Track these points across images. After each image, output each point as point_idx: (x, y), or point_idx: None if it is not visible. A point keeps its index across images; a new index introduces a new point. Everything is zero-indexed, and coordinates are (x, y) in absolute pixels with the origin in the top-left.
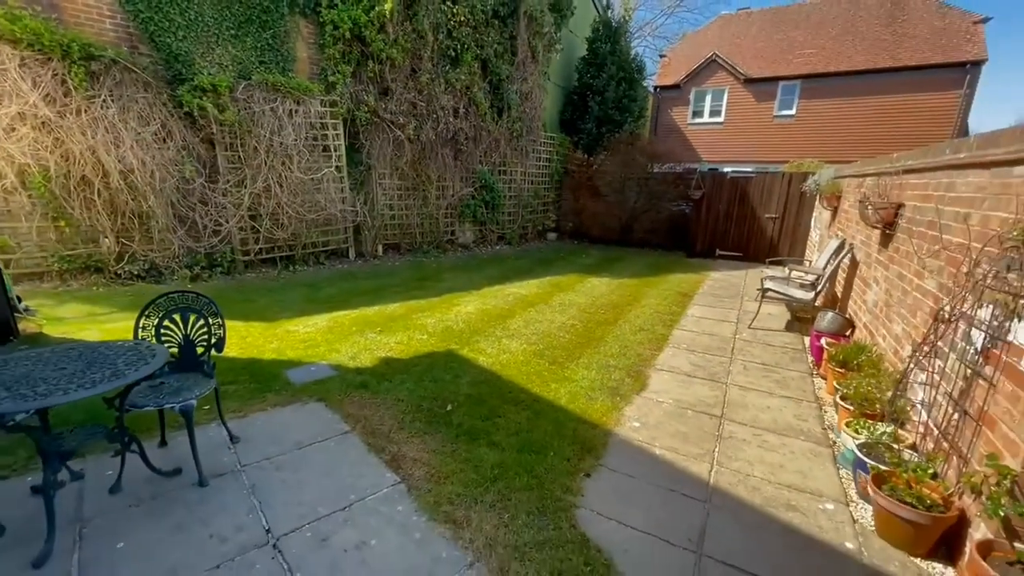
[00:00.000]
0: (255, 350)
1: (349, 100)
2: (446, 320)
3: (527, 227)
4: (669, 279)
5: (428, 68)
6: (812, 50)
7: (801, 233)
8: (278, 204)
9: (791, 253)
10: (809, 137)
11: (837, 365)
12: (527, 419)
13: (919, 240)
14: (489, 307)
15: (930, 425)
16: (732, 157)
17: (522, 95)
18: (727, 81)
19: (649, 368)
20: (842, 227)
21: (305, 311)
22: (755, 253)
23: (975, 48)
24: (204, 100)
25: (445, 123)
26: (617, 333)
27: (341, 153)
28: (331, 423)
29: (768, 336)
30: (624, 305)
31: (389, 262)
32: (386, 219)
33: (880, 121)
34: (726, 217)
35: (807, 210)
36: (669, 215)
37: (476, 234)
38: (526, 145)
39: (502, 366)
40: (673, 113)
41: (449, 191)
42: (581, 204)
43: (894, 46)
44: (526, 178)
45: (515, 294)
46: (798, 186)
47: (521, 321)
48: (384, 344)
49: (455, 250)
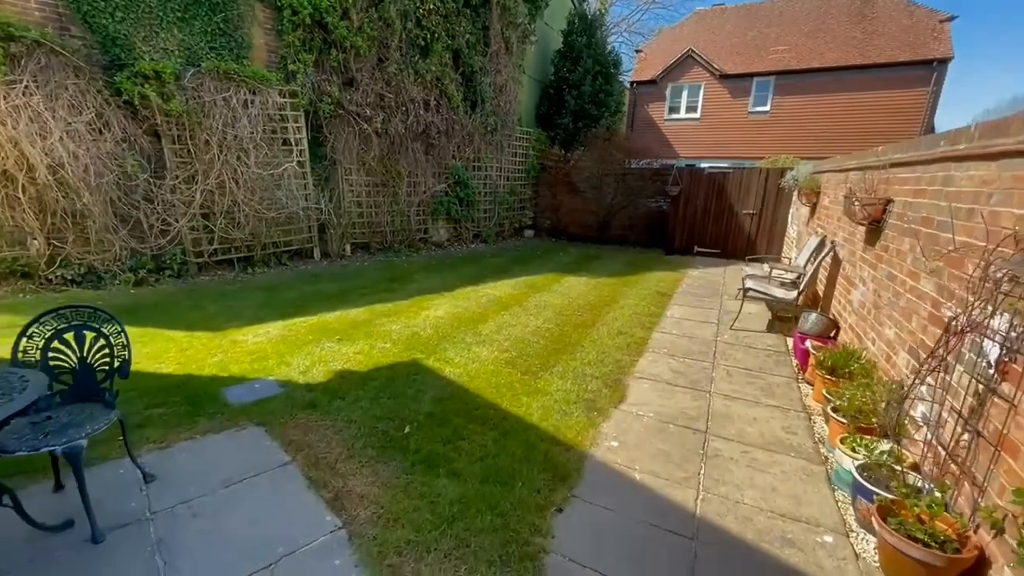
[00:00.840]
0: (194, 365)
1: (311, 91)
2: (413, 326)
3: (504, 224)
4: (647, 278)
5: (396, 58)
6: (785, 47)
7: (778, 229)
8: (234, 201)
9: (769, 250)
10: (784, 133)
11: (825, 372)
12: (494, 441)
13: (912, 238)
14: (460, 310)
15: (935, 444)
16: (709, 153)
17: (496, 88)
18: (703, 77)
19: (628, 376)
20: (822, 223)
21: (258, 318)
22: (733, 250)
23: (941, 46)
24: (146, 88)
25: (415, 116)
26: (594, 337)
27: (303, 147)
28: (269, 452)
29: (750, 338)
30: (602, 306)
31: (357, 262)
32: (354, 217)
33: (852, 118)
34: (704, 213)
35: (784, 206)
36: (647, 212)
37: (451, 232)
38: (501, 140)
39: (470, 377)
40: (650, 109)
41: (421, 187)
42: (558, 201)
43: (864, 43)
44: (502, 174)
45: (489, 295)
46: (775, 182)
47: (493, 325)
48: (342, 355)
49: (429, 249)
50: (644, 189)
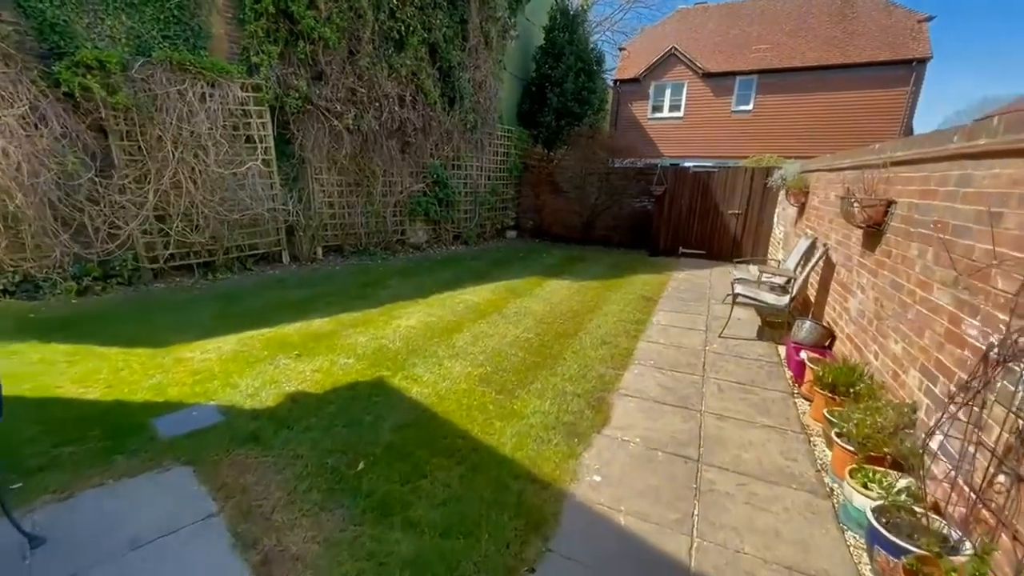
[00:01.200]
0: (126, 388)
1: (276, 84)
2: (381, 337)
3: (485, 225)
4: (632, 281)
5: (368, 51)
6: (767, 45)
7: (764, 230)
8: (191, 202)
9: (755, 250)
10: (767, 132)
11: (826, 389)
12: (461, 478)
13: (921, 244)
14: (434, 319)
15: (961, 484)
16: (693, 152)
17: (475, 84)
18: (686, 75)
19: (612, 393)
20: (812, 225)
21: (211, 331)
22: (719, 251)
23: (920, 46)
24: (89, 79)
25: (389, 112)
26: (577, 348)
27: (269, 144)
28: (194, 500)
29: (740, 346)
30: (585, 313)
31: (329, 266)
32: (325, 218)
33: (834, 117)
34: (688, 213)
35: (770, 206)
36: (631, 212)
37: (429, 234)
38: (481, 138)
39: (439, 398)
40: (633, 107)
41: (397, 187)
42: (541, 201)
43: (844, 43)
44: (483, 173)
45: (466, 302)
46: (761, 181)
47: (469, 336)
48: (297, 374)
49: (406, 251)
50: (628, 189)
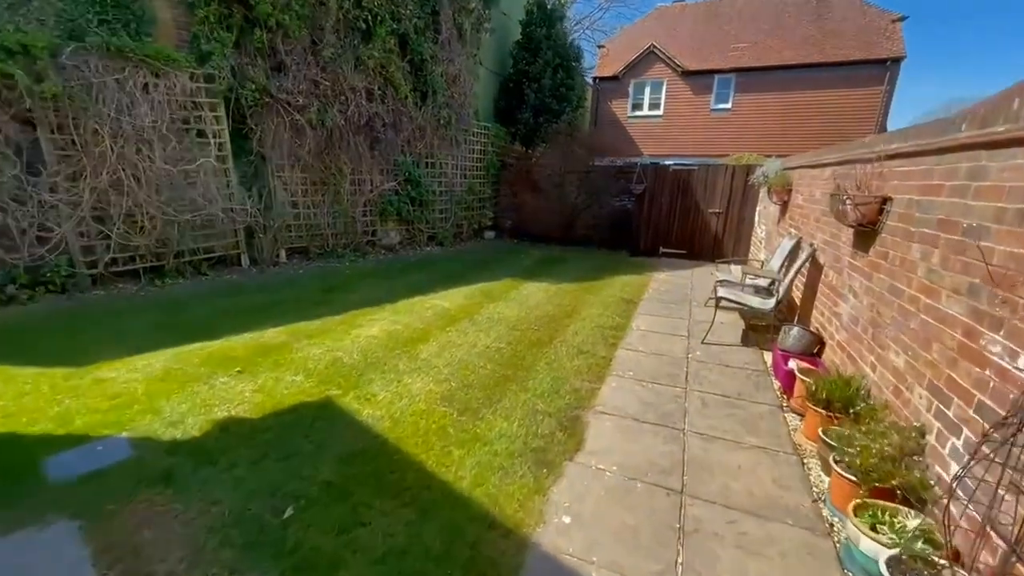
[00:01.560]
0: (25, 417)
1: (231, 75)
2: (338, 349)
3: (462, 226)
4: (612, 283)
5: (333, 42)
6: (745, 44)
7: (746, 229)
8: (135, 202)
9: (736, 250)
10: (746, 131)
11: (819, 404)
12: (407, 526)
13: (924, 245)
14: (400, 327)
15: (988, 532)
16: (672, 150)
17: (448, 78)
18: (665, 73)
19: (588, 411)
20: (796, 224)
21: (144, 345)
22: (700, 250)
23: (894, 46)
24: (10, 65)
25: (356, 106)
26: (551, 358)
27: (223, 140)
28: (70, 570)
29: (724, 353)
30: (562, 318)
31: (292, 270)
32: (288, 219)
33: (811, 116)
34: (669, 213)
35: (751, 205)
36: (612, 211)
37: (402, 234)
38: (456, 135)
39: (394, 422)
40: (613, 105)
41: (366, 185)
42: (520, 200)
43: (821, 42)
44: (458, 171)
45: (436, 307)
46: (742, 179)
47: (435, 346)
48: (235, 395)
49: (377, 253)
50: (608, 187)
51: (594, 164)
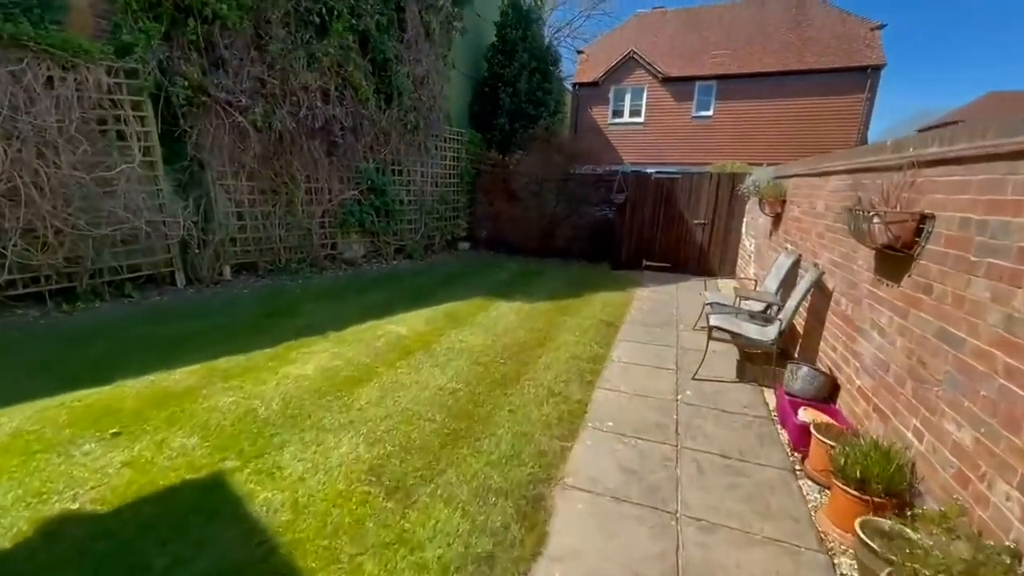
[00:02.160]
0: None
1: (159, 70)
2: (256, 396)
3: (433, 237)
4: (591, 301)
5: (281, 36)
6: (726, 51)
7: (732, 241)
8: (36, 215)
9: (723, 263)
10: (728, 138)
11: (850, 483)
12: None
13: (1000, 282)
14: (340, 363)
15: None
16: (654, 158)
17: (415, 80)
18: (646, 80)
19: (555, 486)
20: (792, 239)
21: (6, 396)
22: (684, 263)
23: (874, 53)
24: None
25: (310, 108)
26: (516, 403)
27: (151, 143)
28: None
29: (719, 392)
30: (533, 346)
31: (235, 289)
32: (233, 231)
33: (792, 124)
34: (652, 223)
35: (737, 216)
36: (592, 221)
37: (367, 247)
38: (425, 140)
39: (296, 511)
40: (593, 112)
41: (324, 194)
42: (497, 209)
43: (801, 49)
44: (429, 179)
45: (390, 335)
46: (727, 189)
47: (377, 390)
48: (93, 473)
49: (338, 268)
50: (588, 196)
51: (574, 172)
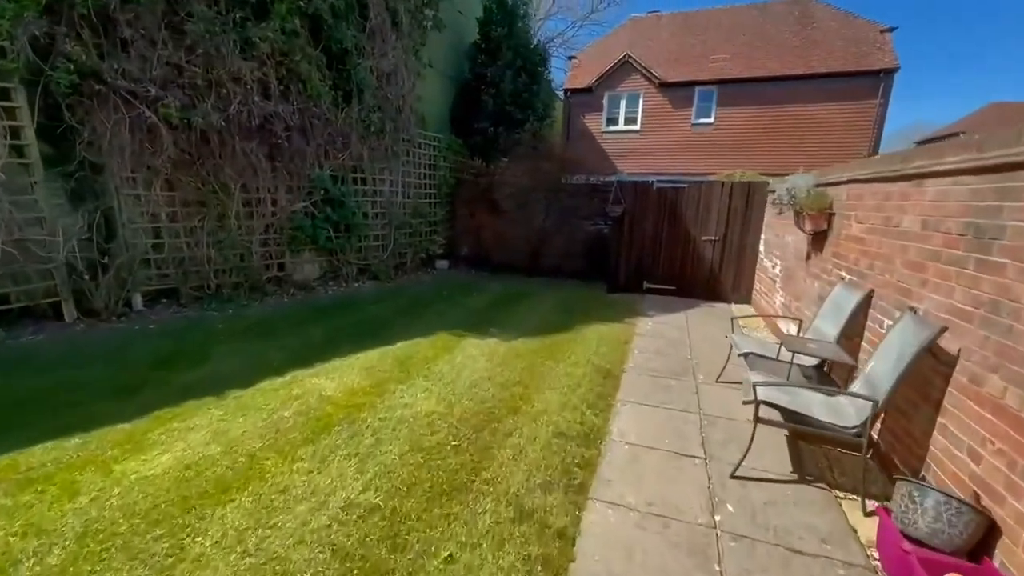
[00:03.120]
0: None
1: (30, 49)
2: (41, 526)
3: (405, 254)
4: (584, 336)
5: (204, 14)
6: (726, 55)
7: (748, 259)
8: None
9: (736, 286)
10: (730, 147)
11: None
12: None
13: None
14: (216, 451)
15: None
16: (652, 168)
17: (380, 76)
18: (641, 85)
19: None
20: (851, 266)
21: None
22: (691, 286)
23: (886, 56)
24: None
25: (244, 103)
26: (462, 538)
27: (28, 141)
28: None
29: (775, 507)
30: (503, 414)
31: (143, 323)
32: (145, 251)
33: (800, 131)
34: (654, 240)
35: (754, 230)
36: (585, 236)
37: (323, 267)
38: (394, 145)
39: None
40: (586, 120)
41: (267, 206)
42: (478, 223)
43: (806, 53)
44: (399, 189)
45: (310, 395)
46: (741, 199)
47: (247, 508)
48: None
49: (285, 293)
50: (581, 208)
51: (565, 181)
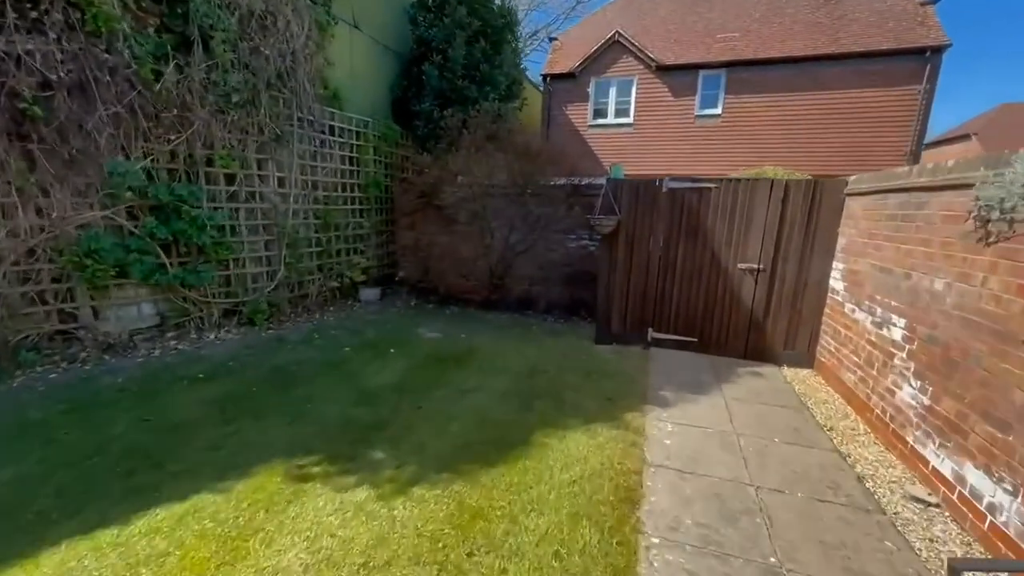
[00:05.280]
0: None
1: None
2: None
3: (304, 285)
4: (547, 475)
5: None
6: (736, 33)
7: (810, 300)
8: None
9: (791, 338)
10: (740, 143)
11: None
12: None
13: None
14: None
15: None
16: (647, 169)
17: (245, 18)
18: (635, 69)
19: None
20: None
21: None
22: (721, 336)
23: (932, 32)
24: None
25: None
26: None
27: None
28: None
29: None
30: None
31: None
32: None
33: (826, 123)
34: (663, 267)
35: (819, 256)
36: (566, 256)
37: (165, 307)
38: (276, 125)
39: None
40: (569, 111)
41: (19, 219)
42: (423, 239)
43: (833, 30)
44: (294, 191)
45: None
46: (801, 207)
47: None
48: None
49: (78, 353)
50: (559, 219)
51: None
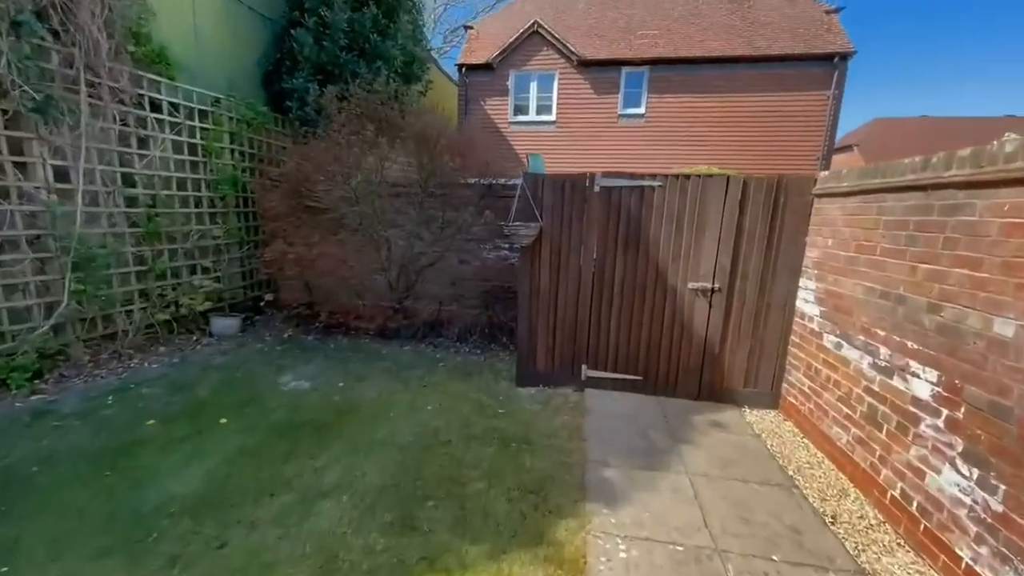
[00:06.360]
0: None
1: None
2: None
3: (114, 319)
4: None
5: None
6: (656, 31)
7: (774, 327)
8: None
9: (753, 373)
10: (665, 143)
11: None
12: None
13: None
14: None
15: None
16: (572, 169)
17: None
18: (556, 64)
19: None
20: None
21: None
22: (669, 372)
23: (838, 39)
24: None
25: None
26: None
27: None
28: None
29: None
30: None
31: None
32: None
33: (746, 123)
34: (598, 288)
35: (785, 271)
36: (481, 268)
37: None
38: (32, 88)
39: None
40: (488, 106)
41: None
42: (303, 250)
43: (748, 33)
44: (101, 186)
45: None
46: (761, 212)
47: None
48: None
49: None
50: (471, 225)
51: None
